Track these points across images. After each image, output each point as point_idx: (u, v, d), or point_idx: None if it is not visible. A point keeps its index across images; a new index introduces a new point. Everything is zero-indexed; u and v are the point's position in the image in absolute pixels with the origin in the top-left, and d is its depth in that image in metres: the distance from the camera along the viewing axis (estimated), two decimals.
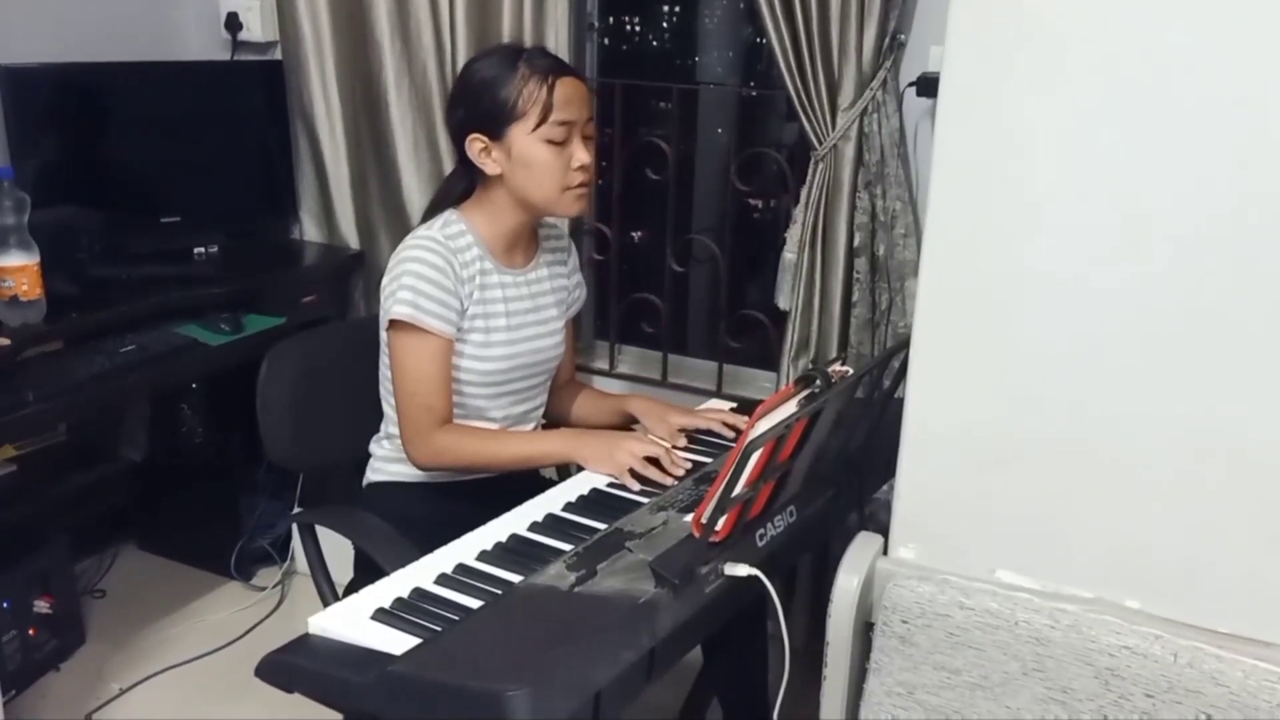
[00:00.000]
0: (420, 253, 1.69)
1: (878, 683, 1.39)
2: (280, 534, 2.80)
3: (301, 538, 1.84)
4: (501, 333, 1.77)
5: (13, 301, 2.01)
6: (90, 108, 2.44)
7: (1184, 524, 1.26)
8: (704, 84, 3.08)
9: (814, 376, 1.38)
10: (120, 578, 2.78)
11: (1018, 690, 1.30)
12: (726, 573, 1.31)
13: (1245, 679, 1.19)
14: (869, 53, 2.03)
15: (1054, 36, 1.20)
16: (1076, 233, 1.23)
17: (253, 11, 2.71)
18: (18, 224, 2.00)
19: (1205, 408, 1.22)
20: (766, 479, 1.32)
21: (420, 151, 2.55)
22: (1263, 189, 1.14)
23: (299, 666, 1.23)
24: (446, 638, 1.20)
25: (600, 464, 1.66)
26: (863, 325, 2.19)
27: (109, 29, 2.59)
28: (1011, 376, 1.30)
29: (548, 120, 1.66)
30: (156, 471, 2.81)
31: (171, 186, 2.59)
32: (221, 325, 2.31)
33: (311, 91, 2.59)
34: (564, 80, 1.68)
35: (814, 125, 2.12)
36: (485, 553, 1.42)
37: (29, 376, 2.00)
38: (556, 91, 1.66)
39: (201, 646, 2.49)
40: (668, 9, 3.10)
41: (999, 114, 1.25)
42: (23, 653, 2.30)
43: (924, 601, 1.34)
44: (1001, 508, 1.35)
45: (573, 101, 1.68)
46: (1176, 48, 1.15)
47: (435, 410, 1.71)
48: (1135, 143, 1.19)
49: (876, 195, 2.12)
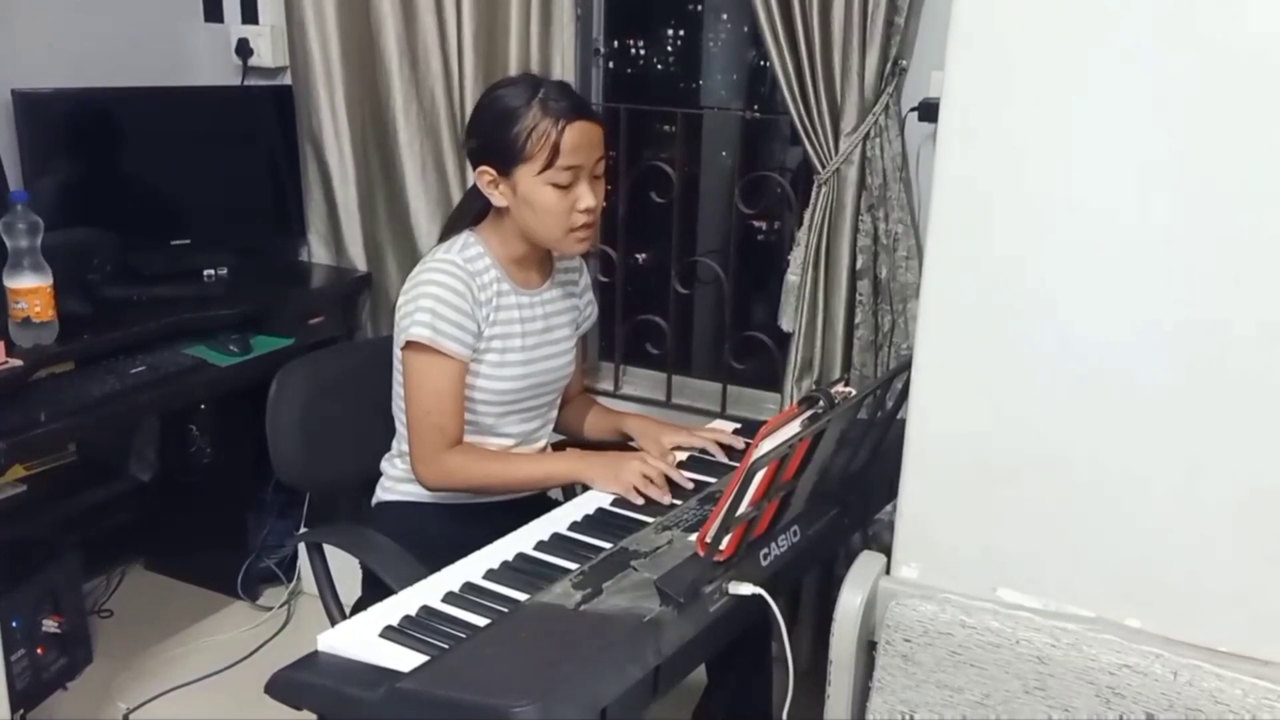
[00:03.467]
0: (440, 275, 1.71)
1: (880, 701, 1.40)
2: (287, 554, 2.81)
3: (309, 557, 1.85)
4: (517, 353, 1.79)
5: (25, 323, 2.03)
6: (103, 132, 2.46)
7: (1184, 543, 1.27)
8: (708, 108, 3.10)
9: (817, 397, 1.39)
10: (128, 597, 2.79)
11: (1019, 708, 1.31)
12: (731, 591, 1.32)
13: (1244, 697, 1.20)
14: (871, 78, 2.05)
15: (1052, 63, 1.22)
16: (1076, 254, 1.25)
17: (263, 38, 2.74)
18: (31, 246, 2.02)
19: (1205, 428, 1.23)
20: (770, 498, 1.33)
21: (428, 175, 2.57)
22: (1261, 208, 1.16)
23: (308, 684, 1.24)
24: (454, 655, 1.21)
25: (607, 483, 1.68)
26: (865, 347, 2.20)
27: (122, 55, 2.62)
28: (1013, 397, 1.32)
29: (554, 165, 1.67)
30: (165, 491, 2.82)
31: (182, 209, 2.61)
32: (230, 346, 2.32)
33: (321, 116, 2.62)
34: (575, 125, 1.67)
35: (817, 149, 2.14)
36: (492, 571, 1.43)
37: (40, 397, 2.01)
38: (566, 136, 1.66)
39: (208, 666, 2.50)
40: (672, 33, 3.12)
41: (999, 138, 1.27)
42: (31, 671, 2.30)
43: (926, 620, 1.35)
44: (1003, 527, 1.36)
45: (582, 146, 1.68)
46: (1174, 71, 1.17)
47: (447, 431, 1.72)
48: (1133, 165, 1.21)
49: (879, 218, 2.13)
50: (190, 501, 2.83)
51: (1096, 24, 1.19)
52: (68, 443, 2.44)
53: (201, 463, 2.78)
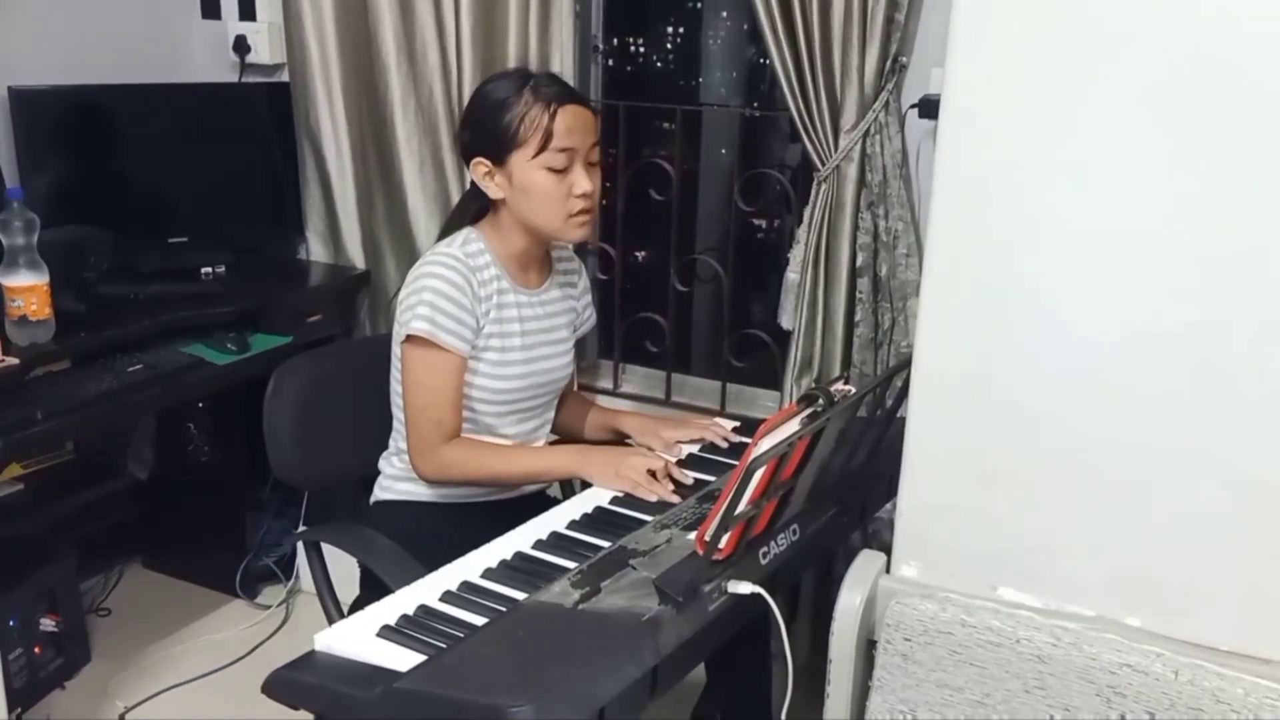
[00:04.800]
0: (441, 269, 1.71)
1: (880, 700, 1.39)
2: (285, 552, 2.80)
3: (307, 555, 1.85)
4: (517, 352, 1.79)
5: (22, 321, 2.03)
6: (99, 129, 2.46)
7: (1185, 542, 1.26)
8: (707, 105, 3.10)
9: (817, 395, 1.39)
10: (125, 596, 2.78)
11: (1019, 708, 1.31)
12: (730, 590, 1.32)
13: (1246, 696, 1.20)
14: (871, 75, 2.05)
15: (1053, 59, 1.22)
16: (1077, 252, 1.25)
17: (260, 34, 2.74)
18: (27, 244, 2.02)
19: (1206, 427, 1.23)
20: (769, 497, 1.33)
21: (426, 172, 2.57)
22: (1262, 207, 1.15)
23: (305, 683, 1.24)
24: (451, 654, 1.20)
25: (606, 479, 1.68)
26: (865, 345, 2.20)
27: (118, 52, 2.61)
28: (1013, 395, 1.31)
29: (548, 148, 1.67)
30: (162, 490, 2.81)
31: (179, 207, 2.61)
32: (228, 344, 2.32)
33: (318, 113, 2.61)
34: (567, 108, 1.69)
35: (817, 146, 2.13)
36: (490, 570, 1.43)
37: (37, 395, 2.01)
38: (559, 119, 1.67)
39: (206, 665, 2.50)
40: (672, 30, 3.12)
41: (999, 136, 1.27)
42: (29, 670, 2.30)
43: (926, 619, 1.35)
44: (1003, 526, 1.35)
45: (575, 129, 1.69)
46: (1173, 69, 1.17)
47: (445, 425, 1.72)
48: (1134, 162, 1.20)
49: (879, 216, 2.13)
50: (188, 500, 2.83)
51: (1097, 20, 1.19)
52: (65, 441, 2.44)
53: (199, 461, 2.77)
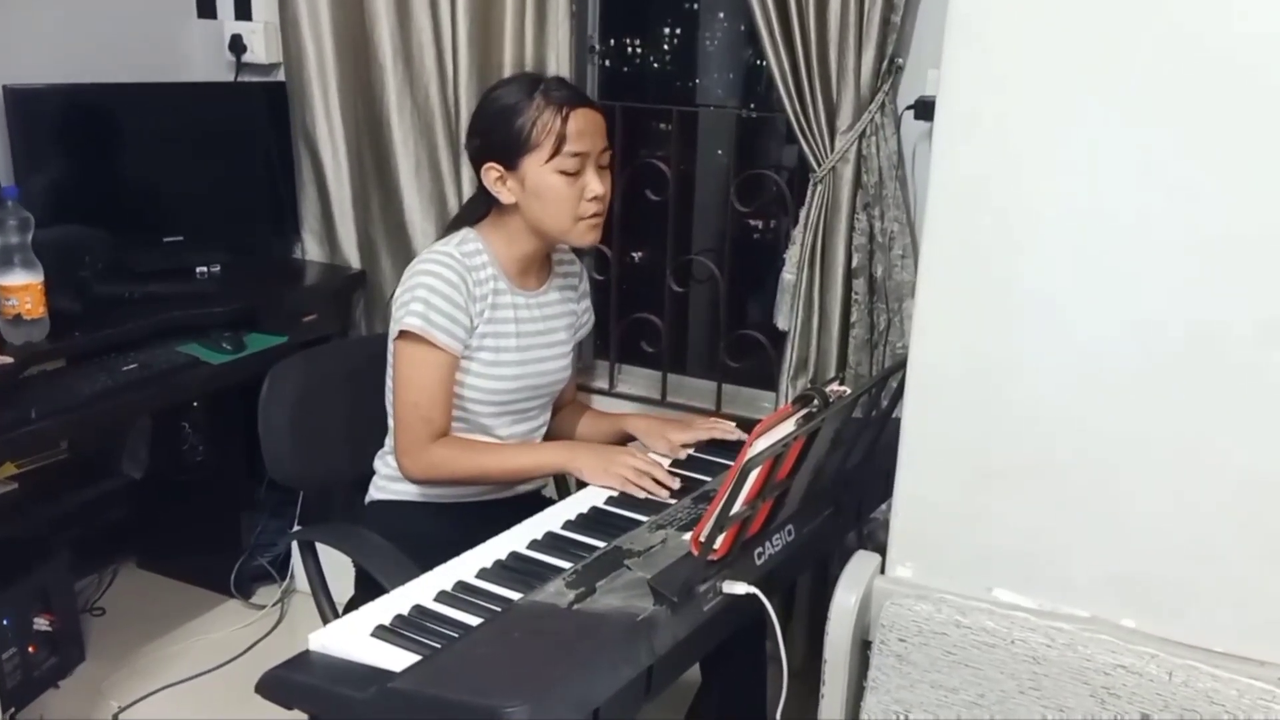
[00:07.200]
0: (436, 267, 1.71)
1: (875, 701, 1.39)
2: (280, 552, 2.80)
3: (302, 555, 1.85)
4: (511, 353, 1.79)
5: (16, 320, 2.03)
6: (95, 128, 2.45)
7: (1179, 543, 1.26)
8: (704, 106, 3.10)
9: (812, 396, 1.39)
10: (120, 595, 2.77)
11: (1014, 709, 1.31)
12: (725, 591, 1.32)
13: (1240, 697, 1.20)
14: (867, 76, 2.05)
15: (1049, 60, 1.22)
16: (1072, 253, 1.25)
17: (256, 34, 2.73)
18: (22, 243, 2.02)
19: (1201, 428, 1.23)
20: (765, 497, 1.33)
21: (422, 172, 2.57)
22: (1255, 209, 1.16)
23: (299, 683, 1.24)
24: (446, 654, 1.20)
25: (596, 476, 1.68)
26: (861, 345, 2.20)
27: (114, 51, 2.61)
28: (1008, 396, 1.31)
29: (561, 152, 1.68)
30: (157, 489, 2.80)
31: (174, 206, 2.60)
32: (223, 344, 2.31)
33: (314, 113, 2.61)
34: (579, 111, 1.69)
35: (813, 147, 2.13)
36: (485, 570, 1.43)
37: (32, 394, 2.00)
38: (571, 123, 1.68)
39: (201, 665, 2.49)
40: (668, 31, 3.12)
41: (994, 137, 1.27)
42: (22, 670, 2.30)
43: (921, 620, 1.35)
44: (998, 527, 1.35)
45: (587, 133, 1.70)
46: (1172, 68, 1.17)
47: (434, 423, 1.72)
48: (1131, 162, 1.20)
49: (875, 217, 2.13)
50: (183, 500, 2.82)
51: (1093, 20, 1.19)
52: (59, 440, 2.43)
53: (194, 461, 2.77)
